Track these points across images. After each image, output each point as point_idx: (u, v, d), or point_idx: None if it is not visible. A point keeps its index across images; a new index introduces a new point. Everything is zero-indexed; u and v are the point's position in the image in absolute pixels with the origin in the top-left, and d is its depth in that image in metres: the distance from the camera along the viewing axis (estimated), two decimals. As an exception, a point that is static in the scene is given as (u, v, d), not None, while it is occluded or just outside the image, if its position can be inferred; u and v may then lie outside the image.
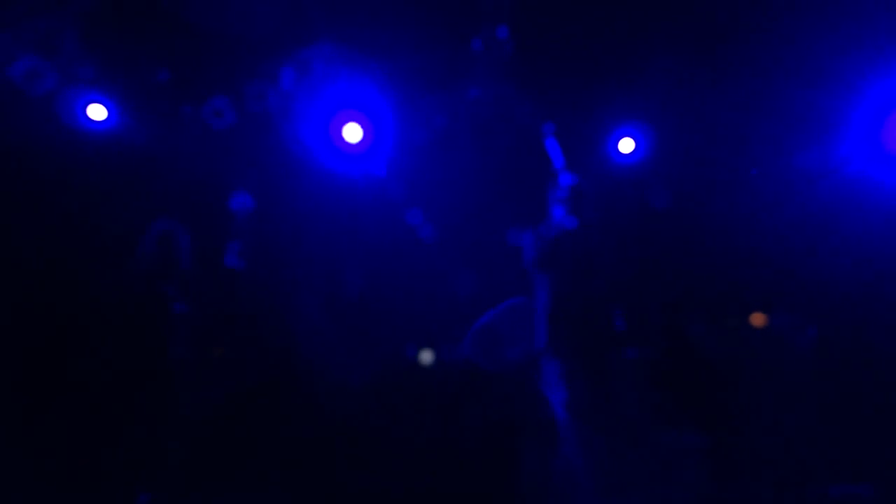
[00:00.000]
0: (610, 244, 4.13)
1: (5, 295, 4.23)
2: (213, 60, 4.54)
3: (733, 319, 4.41)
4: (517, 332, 3.81)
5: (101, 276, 4.18)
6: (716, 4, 4.27)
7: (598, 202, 4.25)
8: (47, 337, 4.18)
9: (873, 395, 4.09)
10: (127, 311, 3.92)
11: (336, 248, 5.12)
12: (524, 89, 4.88)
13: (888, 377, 4.12)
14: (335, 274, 5.09)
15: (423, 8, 4.48)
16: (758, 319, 4.38)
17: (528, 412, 3.67)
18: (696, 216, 4.78)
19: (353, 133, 4.78)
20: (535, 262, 3.79)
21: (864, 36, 4.06)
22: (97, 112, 4.49)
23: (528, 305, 3.86)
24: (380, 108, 4.86)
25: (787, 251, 4.45)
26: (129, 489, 3.69)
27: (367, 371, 4.66)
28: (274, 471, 4.21)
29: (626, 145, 4.67)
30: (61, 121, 4.47)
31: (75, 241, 4.41)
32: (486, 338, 4.10)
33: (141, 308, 3.95)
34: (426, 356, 4.67)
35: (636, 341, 4.13)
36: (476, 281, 4.99)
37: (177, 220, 4.17)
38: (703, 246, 4.68)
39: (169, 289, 4.06)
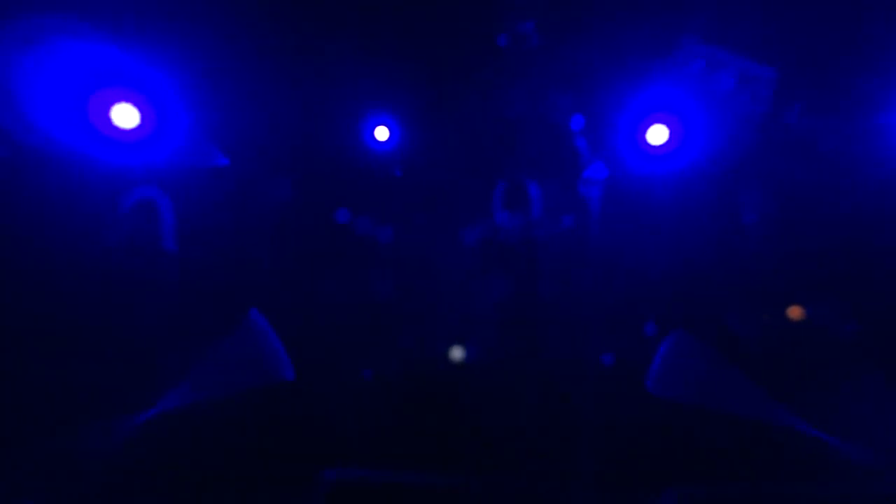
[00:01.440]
0: (645, 237, 4.09)
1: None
2: (226, 61, 4.54)
3: (771, 313, 4.35)
4: None
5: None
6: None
7: (628, 195, 4.21)
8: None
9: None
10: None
11: (347, 245, 5.11)
12: (551, 85, 4.85)
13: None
14: (346, 273, 5.08)
15: (446, 4, 4.47)
16: (795, 312, 4.31)
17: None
18: (732, 208, 4.72)
19: (380, 133, 4.79)
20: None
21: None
22: (127, 116, 4.47)
23: None
24: (403, 105, 4.86)
25: (826, 242, 4.38)
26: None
27: (382, 369, 4.64)
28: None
29: (657, 135, 4.57)
30: (89, 124, 4.48)
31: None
32: None
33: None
34: (456, 353, 4.66)
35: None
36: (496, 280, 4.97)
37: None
38: (739, 239, 4.62)
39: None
